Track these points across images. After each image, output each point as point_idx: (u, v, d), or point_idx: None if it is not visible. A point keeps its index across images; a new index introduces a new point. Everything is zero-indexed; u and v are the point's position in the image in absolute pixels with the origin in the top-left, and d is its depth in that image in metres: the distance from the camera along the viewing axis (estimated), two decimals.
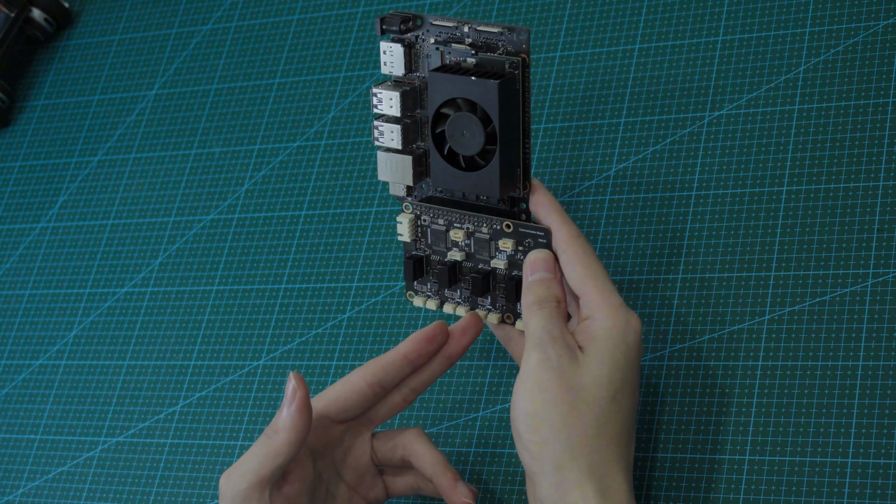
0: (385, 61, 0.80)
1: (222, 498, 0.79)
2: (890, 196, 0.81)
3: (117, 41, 1.14)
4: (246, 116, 1.05)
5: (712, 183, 0.86)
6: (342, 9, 1.05)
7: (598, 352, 0.75)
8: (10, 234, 1.09)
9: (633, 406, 0.76)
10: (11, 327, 1.05)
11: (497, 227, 0.80)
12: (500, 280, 0.80)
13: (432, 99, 0.78)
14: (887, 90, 0.84)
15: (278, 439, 0.78)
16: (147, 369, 0.98)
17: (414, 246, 0.82)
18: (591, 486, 0.73)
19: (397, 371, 0.81)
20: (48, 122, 1.13)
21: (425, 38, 0.79)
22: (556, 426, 0.73)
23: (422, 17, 0.79)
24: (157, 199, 1.04)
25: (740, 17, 0.90)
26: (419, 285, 0.83)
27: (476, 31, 0.77)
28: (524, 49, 0.76)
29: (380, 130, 0.80)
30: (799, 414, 0.78)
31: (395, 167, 0.80)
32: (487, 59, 0.77)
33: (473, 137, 0.77)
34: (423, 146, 0.81)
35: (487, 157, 0.77)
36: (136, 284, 1.02)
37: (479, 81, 0.76)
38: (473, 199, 0.80)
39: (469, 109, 0.77)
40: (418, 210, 0.82)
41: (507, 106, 0.76)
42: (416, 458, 0.82)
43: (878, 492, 0.75)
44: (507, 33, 0.77)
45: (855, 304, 0.80)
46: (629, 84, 0.92)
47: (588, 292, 0.76)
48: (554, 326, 0.76)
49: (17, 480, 0.98)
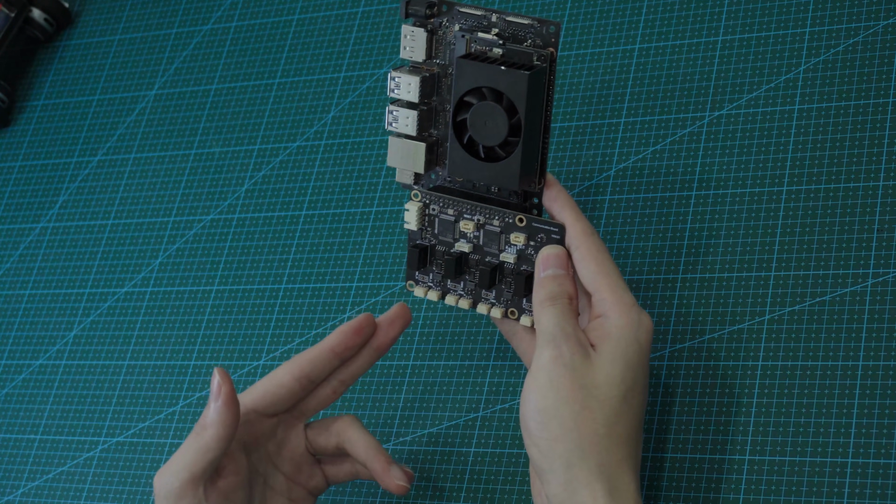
0: (406, 45, 0.78)
1: (157, 497, 0.79)
2: (890, 196, 0.81)
3: (117, 41, 1.14)
4: (246, 116, 1.05)
5: (712, 183, 0.86)
6: (342, 9, 1.05)
7: (610, 350, 0.75)
8: (10, 234, 1.09)
9: (642, 406, 0.76)
10: (11, 327, 1.05)
11: (510, 221, 0.79)
12: (508, 274, 0.80)
13: (458, 86, 0.76)
14: (887, 90, 0.84)
15: (207, 435, 0.79)
16: (147, 369, 0.98)
17: (419, 235, 0.82)
18: (601, 486, 0.72)
19: (325, 364, 0.82)
20: (48, 122, 1.13)
21: (449, 26, 0.78)
22: (568, 424, 0.73)
23: (448, 3, 0.78)
24: (157, 199, 1.04)
25: (740, 17, 0.90)
26: (420, 275, 0.82)
27: (505, 21, 0.76)
28: (553, 43, 0.76)
29: (394, 115, 0.79)
30: (799, 414, 0.78)
31: (406, 154, 0.79)
32: (515, 51, 0.76)
33: (497, 128, 0.76)
34: (435, 134, 0.80)
35: (509, 149, 0.77)
36: (136, 284, 1.02)
37: (510, 71, 0.75)
38: (484, 191, 0.80)
39: (494, 99, 0.76)
40: (427, 199, 0.81)
41: (534, 99, 0.76)
42: (350, 445, 0.82)
43: (878, 492, 0.75)
44: (538, 26, 0.76)
45: (855, 304, 0.80)
46: (629, 84, 0.92)
47: (601, 290, 0.76)
48: (567, 323, 0.75)
49: (17, 480, 0.98)
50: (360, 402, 0.90)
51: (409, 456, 0.87)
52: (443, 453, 0.87)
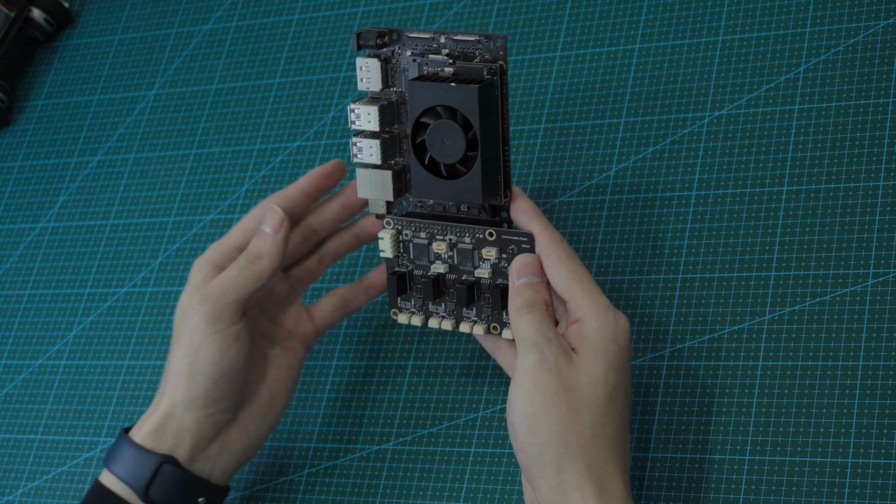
0: (362, 77, 0.80)
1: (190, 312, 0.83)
2: (890, 196, 0.81)
3: (117, 41, 1.14)
4: (246, 116, 1.05)
5: (712, 183, 0.86)
6: (342, 9, 1.05)
7: (591, 352, 0.75)
8: (10, 234, 1.09)
9: (627, 406, 0.76)
10: (11, 327, 1.05)
11: (480, 236, 0.80)
12: (485, 290, 0.80)
13: (412, 108, 0.78)
14: (887, 90, 0.84)
15: (262, 264, 0.84)
16: (147, 369, 0.98)
17: (396, 262, 0.83)
18: (591, 488, 0.73)
19: (297, 204, 0.86)
20: (48, 122, 1.13)
21: (402, 52, 0.79)
22: (556, 427, 0.73)
23: (398, 32, 0.79)
24: (157, 199, 1.04)
25: (740, 17, 0.90)
26: (402, 302, 0.83)
27: (452, 40, 0.78)
28: (501, 56, 0.77)
29: (358, 147, 0.80)
30: (799, 414, 0.78)
31: (374, 183, 0.81)
32: (465, 67, 0.78)
33: (454, 144, 0.77)
34: (401, 162, 0.81)
35: (469, 164, 0.78)
36: (136, 284, 1.02)
37: (459, 87, 0.76)
38: (454, 210, 0.80)
39: (449, 116, 0.77)
40: (399, 225, 0.82)
41: (487, 111, 0.77)
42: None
43: (878, 492, 0.75)
44: (484, 41, 0.77)
45: (855, 304, 0.80)
46: (629, 84, 0.92)
47: (575, 295, 0.77)
48: (547, 328, 0.76)
49: (17, 480, 0.98)
50: (359, 402, 0.90)
51: (408, 456, 0.87)
52: (443, 453, 0.87)
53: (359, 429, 0.90)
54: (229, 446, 0.85)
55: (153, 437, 0.83)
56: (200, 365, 0.83)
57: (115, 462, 0.84)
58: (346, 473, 0.89)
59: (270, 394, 0.86)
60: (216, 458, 0.85)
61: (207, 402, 0.83)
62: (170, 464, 0.83)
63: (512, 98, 0.95)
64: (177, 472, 0.83)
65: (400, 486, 0.87)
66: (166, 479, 0.83)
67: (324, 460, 0.90)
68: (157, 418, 0.84)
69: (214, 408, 0.83)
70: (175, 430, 0.83)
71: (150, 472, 0.83)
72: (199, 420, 0.83)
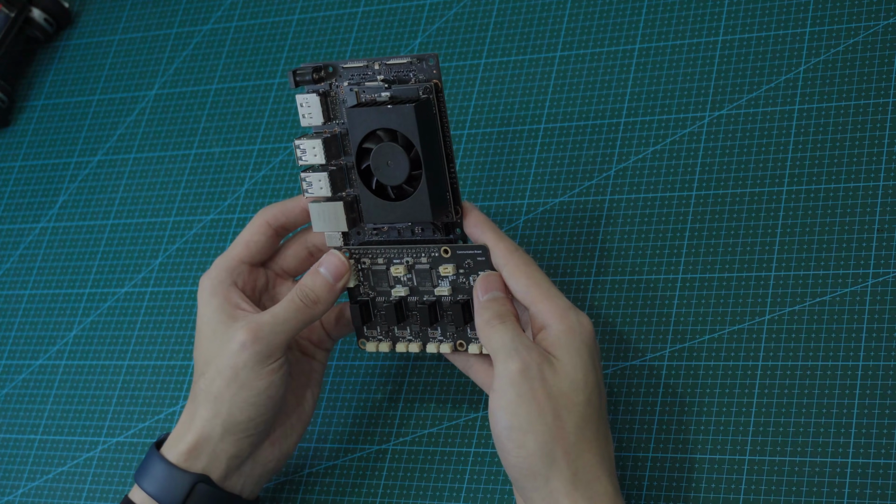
0: (304, 114, 0.81)
1: (238, 347, 0.81)
2: (890, 196, 0.81)
3: (117, 41, 1.14)
4: (246, 116, 1.05)
5: (712, 183, 0.86)
6: (342, 9, 1.05)
7: (568, 356, 0.75)
8: (10, 234, 1.09)
9: (604, 406, 0.76)
10: (11, 327, 1.05)
11: (435, 255, 0.80)
12: (447, 307, 0.81)
13: (353, 135, 0.79)
14: (887, 90, 0.84)
15: (318, 310, 0.82)
16: (147, 369, 0.98)
17: (358, 291, 0.83)
18: (580, 494, 0.73)
19: (295, 219, 0.85)
20: (48, 122, 1.13)
21: (339, 84, 0.80)
22: (542, 438, 0.73)
23: (333, 65, 0.80)
24: (157, 199, 1.04)
25: (740, 17, 0.90)
26: (368, 330, 0.84)
27: (386, 66, 0.79)
28: (435, 74, 0.78)
29: (308, 181, 0.81)
30: (799, 414, 0.78)
31: (327, 216, 0.81)
32: (401, 90, 0.79)
33: (398, 165, 0.78)
34: (352, 192, 0.82)
35: (415, 183, 0.79)
36: (136, 284, 1.02)
37: (396, 108, 0.77)
38: (409, 234, 0.81)
39: (390, 139, 0.78)
40: (357, 254, 0.82)
41: (426, 129, 0.78)
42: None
43: (878, 492, 0.75)
44: (417, 62, 0.78)
45: (855, 304, 0.80)
46: (629, 84, 0.92)
47: (536, 301, 0.77)
48: (523, 336, 0.76)
49: (17, 480, 0.98)
50: (359, 402, 0.90)
51: (408, 456, 0.87)
52: (443, 453, 0.87)
53: (359, 429, 0.90)
54: (262, 461, 0.84)
55: (188, 457, 0.82)
56: (246, 395, 0.81)
57: (146, 479, 0.83)
58: (346, 473, 0.89)
59: (298, 403, 0.86)
60: (249, 474, 0.84)
61: (249, 427, 0.82)
62: (204, 483, 0.82)
63: (512, 98, 0.95)
64: (211, 490, 0.82)
65: (400, 486, 0.87)
66: (200, 498, 0.82)
67: (324, 460, 0.90)
68: (192, 439, 0.82)
69: (254, 430, 0.82)
70: (211, 452, 0.82)
71: (184, 491, 0.82)
72: (237, 442, 0.82)
